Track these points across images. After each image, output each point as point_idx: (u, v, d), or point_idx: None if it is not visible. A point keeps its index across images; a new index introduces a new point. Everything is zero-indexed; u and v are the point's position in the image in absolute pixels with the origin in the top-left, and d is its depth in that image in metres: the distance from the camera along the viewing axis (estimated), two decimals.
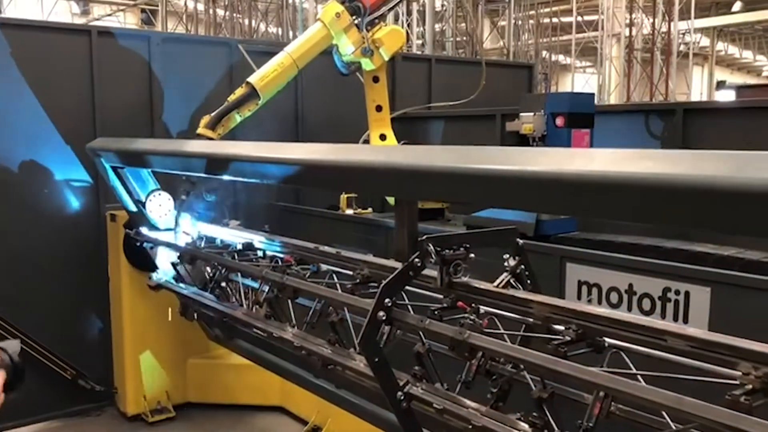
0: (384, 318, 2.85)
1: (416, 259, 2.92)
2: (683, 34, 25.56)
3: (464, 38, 14.17)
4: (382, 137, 5.66)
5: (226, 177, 4.24)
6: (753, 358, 2.06)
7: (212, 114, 5.17)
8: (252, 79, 5.19)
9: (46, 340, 5.62)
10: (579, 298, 3.77)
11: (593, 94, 4.57)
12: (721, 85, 35.43)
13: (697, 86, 36.55)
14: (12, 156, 5.57)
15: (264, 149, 3.37)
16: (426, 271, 3.04)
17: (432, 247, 2.95)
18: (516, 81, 8.70)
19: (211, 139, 5.13)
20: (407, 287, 3.14)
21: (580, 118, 4.35)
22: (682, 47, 25.52)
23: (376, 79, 5.60)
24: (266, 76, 5.17)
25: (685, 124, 4.47)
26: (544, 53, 28.56)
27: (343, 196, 6.06)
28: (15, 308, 5.53)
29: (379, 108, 5.64)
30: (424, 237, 2.97)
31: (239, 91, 5.22)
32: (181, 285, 4.85)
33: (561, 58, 30.17)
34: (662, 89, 20.58)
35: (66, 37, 5.78)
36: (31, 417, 5.67)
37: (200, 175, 4.92)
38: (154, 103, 6.10)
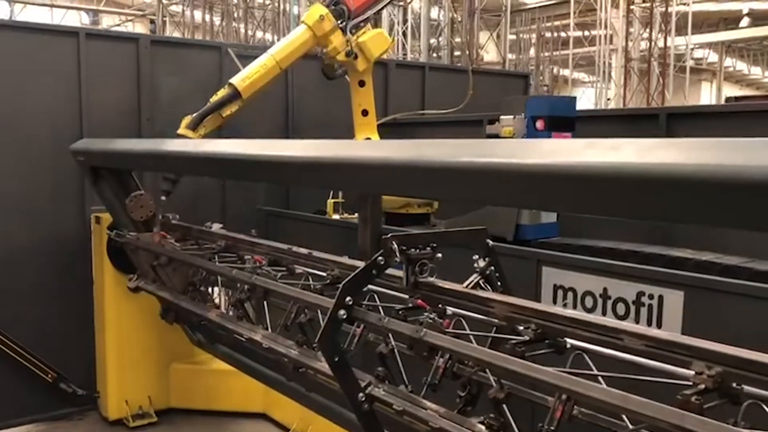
0: (345, 317, 2.80)
1: (379, 258, 2.87)
2: (692, 49, 25.51)
3: (461, 49, 14.07)
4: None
5: (204, 175, 4.23)
6: (707, 357, 2.00)
7: (194, 114, 5.15)
8: (234, 80, 5.18)
9: (27, 341, 5.58)
10: (555, 302, 3.70)
11: (575, 98, 4.52)
12: (729, 100, 35.35)
13: (706, 101, 36.48)
14: None
15: (234, 147, 3.33)
16: (395, 271, 3.00)
17: (396, 245, 2.91)
18: (512, 91, 8.67)
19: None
20: (382, 289, 3.10)
21: (560, 121, 4.30)
22: (691, 62, 25.50)
23: (362, 83, 5.57)
24: (249, 77, 5.16)
25: (669, 129, 4.41)
26: (553, 67, 28.56)
27: (330, 201, 6.02)
28: None
29: (365, 112, 5.62)
30: (389, 235, 2.93)
31: (222, 92, 5.20)
32: (160, 287, 4.80)
33: (566, 72, 30.18)
34: (660, 101, 20.50)
35: (54, 39, 5.78)
36: (10, 420, 5.62)
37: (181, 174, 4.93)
38: (142, 106, 6.08)
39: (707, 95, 36.68)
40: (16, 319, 5.57)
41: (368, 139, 5.59)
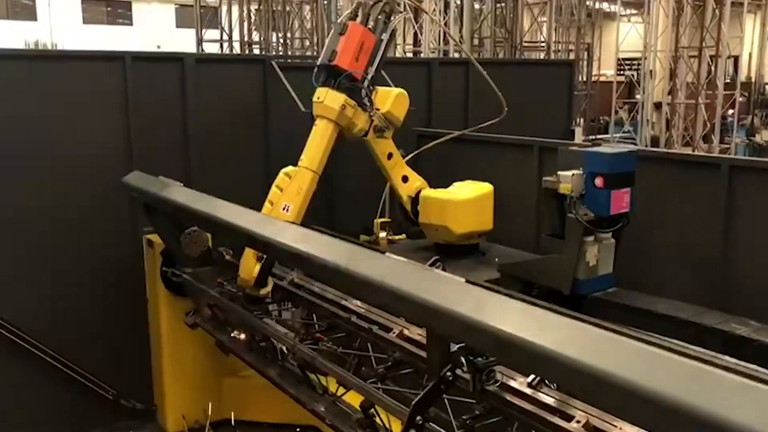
0: None
1: (448, 373, 2.92)
2: None
3: (503, 29, 13.39)
4: (405, 179, 5.52)
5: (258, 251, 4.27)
6: None
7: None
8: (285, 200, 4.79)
9: (89, 361, 5.78)
10: None
11: (635, 152, 4.38)
12: None
13: (749, 35, 35.11)
14: (50, 179, 5.62)
15: (292, 238, 3.33)
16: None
17: (464, 358, 2.96)
18: (557, 78, 8.47)
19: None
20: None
21: (620, 178, 4.21)
22: None
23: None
24: (293, 199, 4.77)
25: (732, 179, 4.30)
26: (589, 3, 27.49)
27: (378, 221, 6.02)
28: (57, 333, 5.67)
29: (390, 155, 5.43)
30: (457, 348, 2.97)
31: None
32: (218, 328, 4.92)
33: (605, 6, 29.20)
34: (712, 35, 19.35)
35: (101, 64, 5.77)
36: None
37: None
38: (188, 125, 6.06)
39: (749, 29, 35.25)
40: (78, 342, 5.76)
41: (404, 177, 5.46)
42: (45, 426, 5.75)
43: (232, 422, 6.19)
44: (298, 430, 5.91)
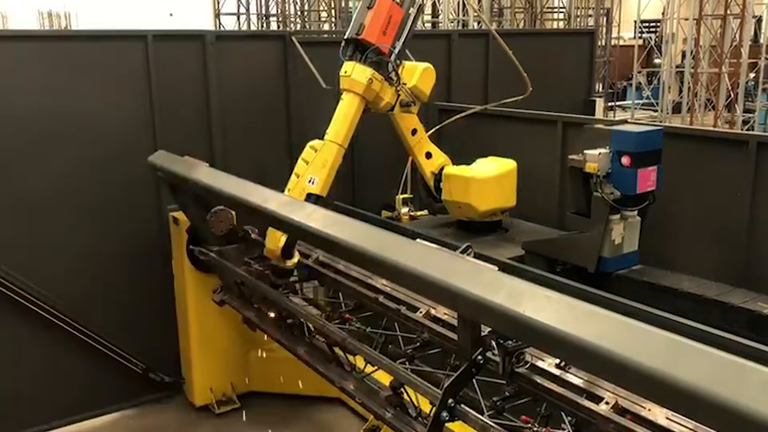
0: (447, 418, 2.93)
1: (479, 357, 2.97)
2: None
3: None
4: (428, 155, 5.54)
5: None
6: None
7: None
8: (312, 174, 4.75)
9: (118, 337, 5.90)
10: None
11: (661, 130, 4.35)
12: None
13: None
14: (76, 158, 5.68)
15: (331, 226, 3.35)
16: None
17: (494, 341, 3.01)
18: (577, 48, 8.38)
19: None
20: None
21: (646, 156, 4.20)
22: None
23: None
24: (319, 173, 4.74)
25: (759, 156, 4.26)
26: None
27: (399, 197, 6.05)
28: (86, 308, 5.77)
29: (414, 131, 5.44)
30: (487, 332, 3.01)
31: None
32: (245, 305, 4.99)
33: None
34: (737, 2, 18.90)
35: (123, 43, 5.77)
36: (107, 407, 6.07)
37: None
38: (211, 102, 6.07)
39: None
40: (108, 317, 5.86)
41: (428, 153, 5.48)
42: (74, 400, 5.90)
43: (259, 394, 6.35)
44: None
